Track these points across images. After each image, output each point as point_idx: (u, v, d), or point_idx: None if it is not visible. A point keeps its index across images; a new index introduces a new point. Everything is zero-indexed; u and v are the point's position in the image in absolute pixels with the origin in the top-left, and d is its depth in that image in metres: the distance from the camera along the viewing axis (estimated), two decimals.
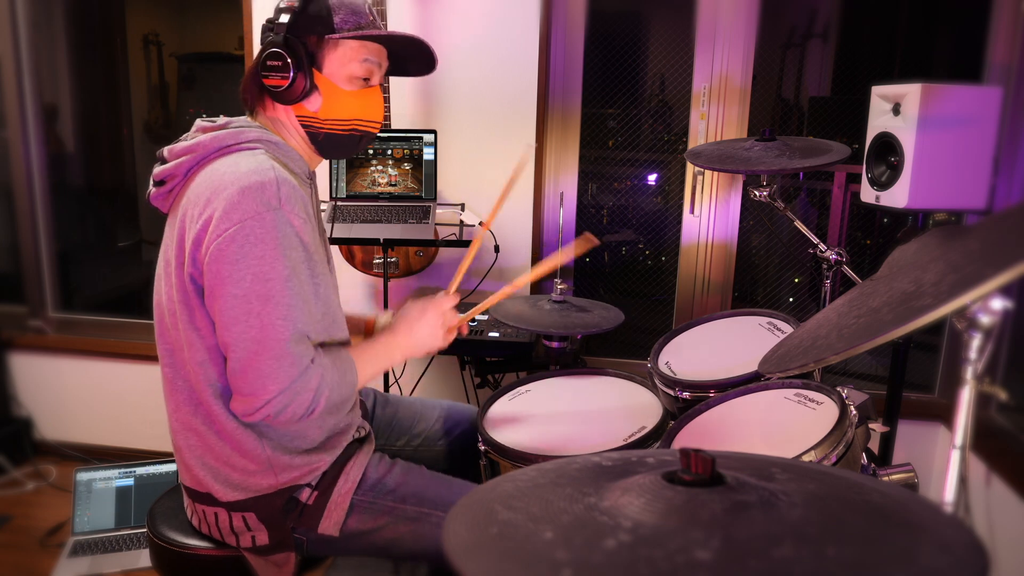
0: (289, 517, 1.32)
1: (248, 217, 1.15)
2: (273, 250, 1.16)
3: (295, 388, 1.17)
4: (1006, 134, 2.17)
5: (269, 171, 1.19)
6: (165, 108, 3.88)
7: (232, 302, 1.16)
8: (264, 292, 1.16)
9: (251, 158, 1.22)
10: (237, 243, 1.15)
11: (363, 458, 1.39)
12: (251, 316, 1.15)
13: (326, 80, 1.30)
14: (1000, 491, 2.03)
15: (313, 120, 1.32)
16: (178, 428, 1.32)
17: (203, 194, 1.20)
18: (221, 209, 1.16)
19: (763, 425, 1.39)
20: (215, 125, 1.30)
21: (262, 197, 1.16)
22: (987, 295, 0.72)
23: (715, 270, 2.58)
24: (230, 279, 1.15)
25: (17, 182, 2.92)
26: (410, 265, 2.44)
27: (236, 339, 1.16)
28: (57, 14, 3.18)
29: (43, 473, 2.84)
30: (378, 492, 1.37)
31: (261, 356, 1.16)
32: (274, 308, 1.16)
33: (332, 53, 1.29)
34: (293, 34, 1.26)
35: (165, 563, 1.42)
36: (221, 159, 1.24)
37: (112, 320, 3.05)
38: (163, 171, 1.28)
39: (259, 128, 1.29)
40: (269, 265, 1.16)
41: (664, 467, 0.71)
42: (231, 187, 1.17)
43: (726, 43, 2.44)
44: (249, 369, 1.16)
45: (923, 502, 0.65)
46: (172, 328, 1.27)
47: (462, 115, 2.49)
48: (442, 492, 1.39)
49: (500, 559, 0.58)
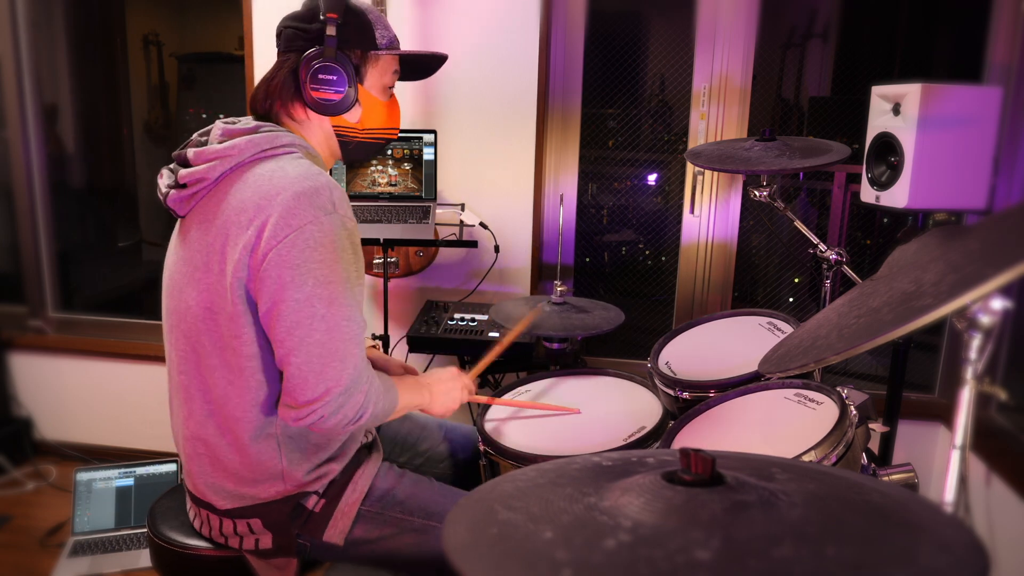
0: (294, 523, 1.31)
1: (307, 222, 1.15)
2: (332, 253, 1.16)
3: (351, 391, 1.18)
4: (1006, 134, 2.17)
5: (319, 175, 1.19)
6: (165, 108, 3.88)
7: (295, 306, 1.15)
8: (327, 295, 1.15)
9: (297, 163, 1.22)
10: (298, 248, 1.14)
11: (371, 467, 1.39)
12: (315, 319, 1.15)
13: (366, 92, 1.34)
14: (1000, 491, 2.03)
15: (350, 130, 1.35)
16: (188, 436, 1.30)
17: (251, 199, 1.18)
18: (277, 215, 1.15)
19: (763, 425, 1.39)
20: (245, 128, 1.26)
21: (317, 201, 1.16)
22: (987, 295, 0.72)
23: (715, 270, 2.58)
24: (292, 284, 1.14)
25: (17, 182, 2.92)
26: (410, 265, 2.44)
27: (299, 343, 1.15)
28: (57, 14, 3.18)
29: (43, 473, 2.84)
30: (386, 503, 1.36)
31: (327, 358, 1.16)
32: (338, 310, 1.16)
33: (373, 68, 1.34)
34: (340, 48, 1.27)
35: (165, 563, 1.41)
36: (261, 164, 1.22)
37: (112, 320, 3.05)
38: (191, 174, 1.24)
39: (290, 133, 1.28)
40: (330, 268, 1.16)
41: (664, 467, 0.71)
42: (285, 192, 1.16)
43: (726, 43, 2.44)
44: (311, 373, 1.16)
45: (923, 502, 0.65)
46: (197, 334, 1.23)
47: (462, 115, 2.49)
48: (449, 505, 1.38)
49: (500, 559, 0.58)
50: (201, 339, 1.23)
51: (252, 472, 1.27)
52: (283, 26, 1.32)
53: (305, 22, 1.29)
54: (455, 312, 2.27)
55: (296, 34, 1.29)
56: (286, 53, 1.31)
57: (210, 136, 1.28)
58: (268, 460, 1.26)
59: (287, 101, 1.31)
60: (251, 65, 2.56)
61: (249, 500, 1.29)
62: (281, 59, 1.31)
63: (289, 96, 1.30)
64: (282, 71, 1.30)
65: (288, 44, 1.30)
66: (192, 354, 1.25)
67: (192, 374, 1.26)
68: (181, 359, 1.27)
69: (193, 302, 1.23)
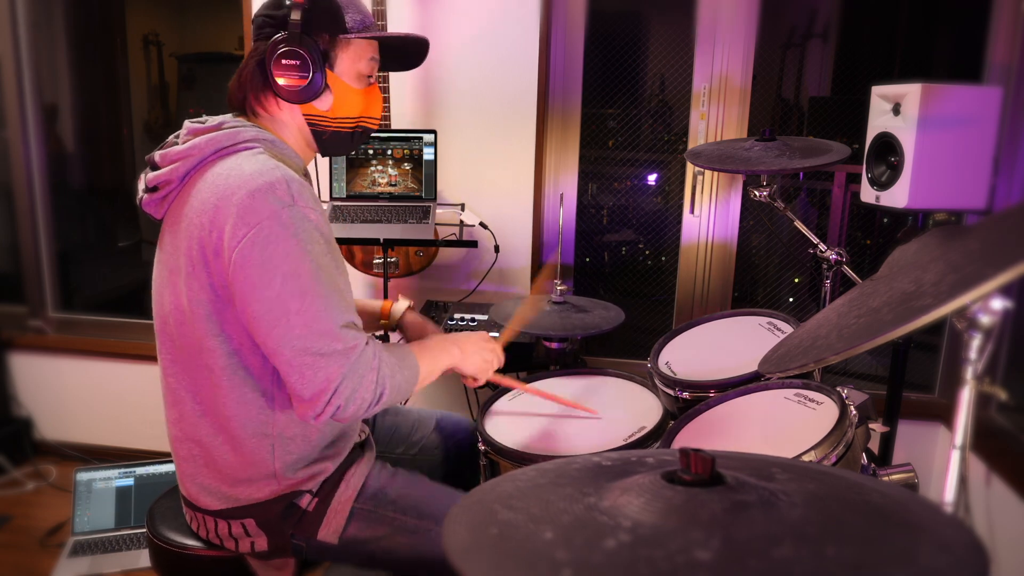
0: (288, 523, 1.30)
1: (264, 218, 1.12)
2: (295, 246, 1.13)
3: (359, 371, 1.15)
4: (1006, 134, 2.17)
5: (275, 170, 1.17)
6: (165, 108, 3.88)
7: (268, 305, 1.13)
8: (298, 288, 1.13)
9: (253, 159, 1.19)
10: (259, 246, 1.12)
11: (364, 466, 1.38)
12: (291, 314, 1.12)
13: (336, 79, 1.30)
14: (1000, 491, 2.03)
15: (321, 119, 1.31)
16: (180, 438, 1.30)
17: (209, 200, 1.17)
18: (234, 215, 1.13)
19: (763, 425, 1.39)
20: (208, 127, 1.26)
21: (274, 196, 1.14)
22: (987, 295, 0.72)
23: (715, 270, 2.58)
24: (260, 283, 1.12)
25: (17, 182, 2.92)
26: (410, 265, 2.44)
27: (281, 341, 1.13)
28: (57, 14, 3.18)
29: (43, 473, 2.84)
30: (379, 501, 1.36)
31: (311, 350, 1.13)
32: (312, 300, 1.13)
33: (344, 52, 1.29)
34: (306, 32, 1.24)
35: (165, 563, 1.41)
36: (221, 162, 1.21)
37: (112, 320, 3.05)
38: (156, 177, 1.24)
39: (254, 127, 1.26)
40: (296, 261, 1.13)
41: (664, 467, 0.71)
42: (240, 191, 1.14)
43: (726, 43, 2.44)
44: (304, 367, 1.13)
45: (923, 502, 0.65)
46: (180, 337, 1.24)
47: (462, 115, 2.49)
48: (442, 506, 1.37)
49: (500, 559, 0.58)
50: (183, 341, 1.24)
51: (246, 471, 1.27)
52: (255, 15, 1.30)
53: (274, 8, 1.27)
54: (455, 312, 2.27)
55: (264, 21, 1.28)
56: (256, 42, 1.29)
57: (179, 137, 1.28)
58: (262, 459, 1.26)
59: (258, 92, 1.29)
60: None
61: (243, 501, 1.28)
62: (251, 49, 1.30)
63: (259, 87, 1.28)
64: (251, 61, 1.28)
65: (258, 32, 1.29)
66: (178, 356, 1.26)
67: (180, 376, 1.26)
68: (169, 361, 1.28)
69: (170, 305, 1.24)
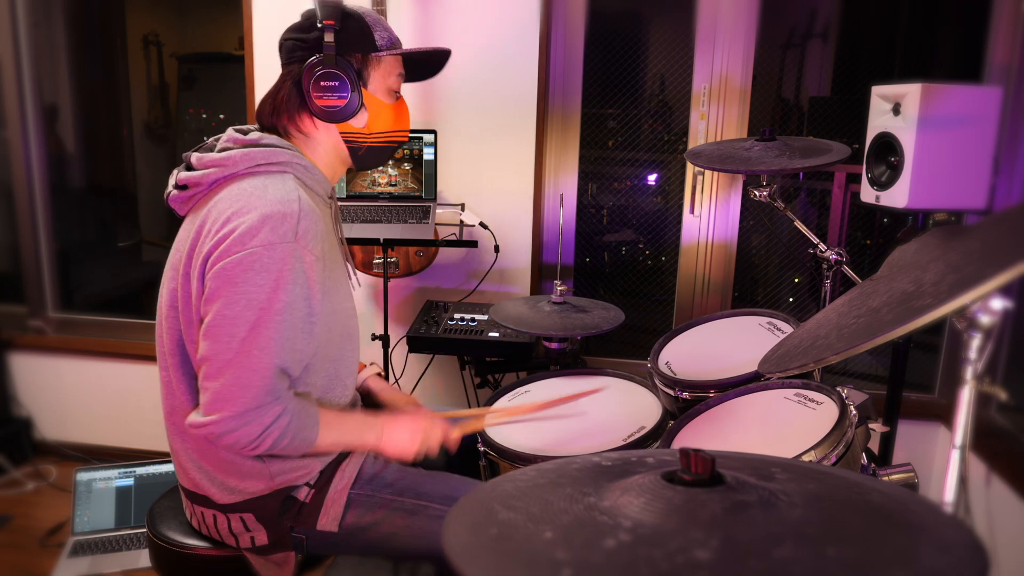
0: (287, 516, 1.32)
1: (260, 245, 1.16)
2: (274, 281, 1.17)
3: (247, 417, 1.17)
4: (1006, 134, 2.17)
5: (294, 202, 1.20)
6: (165, 108, 3.88)
7: (220, 320, 1.16)
8: (254, 319, 1.16)
9: (280, 184, 1.23)
10: (242, 267, 1.16)
11: (359, 455, 1.40)
12: (233, 339, 1.16)
13: (370, 96, 1.34)
14: (1000, 491, 2.03)
15: (357, 135, 1.35)
16: (174, 431, 1.33)
17: (225, 211, 1.20)
18: (239, 232, 1.17)
19: (763, 425, 1.39)
20: (248, 139, 1.29)
21: (280, 228, 1.17)
22: (987, 295, 0.72)
23: (715, 270, 2.58)
24: (225, 299, 1.16)
25: (17, 182, 2.92)
26: (410, 265, 2.44)
27: (211, 354, 1.17)
28: (57, 14, 3.18)
29: (43, 473, 2.83)
30: (376, 485, 1.37)
31: (228, 378, 1.16)
32: (258, 337, 1.16)
33: (375, 70, 1.34)
34: (340, 53, 1.28)
35: (165, 563, 1.41)
36: (249, 179, 1.24)
37: (112, 320, 3.05)
38: (189, 178, 1.28)
39: (291, 150, 1.29)
40: (266, 295, 1.16)
41: (664, 467, 0.71)
42: (254, 212, 1.18)
43: (726, 43, 2.44)
44: (213, 388, 1.17)
45: (923, 502, 0.65)
46: (172, 331, 1.28)
47: (462, 115, 2.49)
48: (439, 486, 1.39)
49: (500, 559, 0.58)
50: (175, 335, 1.28)
51: (237, 464, 1.29)
52: (283, 39, 1.34)
53: (303, 32, 1.31)
54: (455, 312, 2.27)
55: (296, 45, 1.31)
56: (288, 65, 1.33)
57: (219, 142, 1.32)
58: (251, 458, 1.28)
59: (294, 113, 1.33)
60: (251, 65, 2.56)
61: (240, 494, 1.30)
62: (284, 72, 1.33)
63: (296, 108, 1.32)
64: (286, 83, 1.32)
65: (289, 56, 1.32)
66: (172, 348, 1.29)
67: (173, 369, 1.29)
68: (162, 356, 1.31)
69: (167, 302, 1.29)
